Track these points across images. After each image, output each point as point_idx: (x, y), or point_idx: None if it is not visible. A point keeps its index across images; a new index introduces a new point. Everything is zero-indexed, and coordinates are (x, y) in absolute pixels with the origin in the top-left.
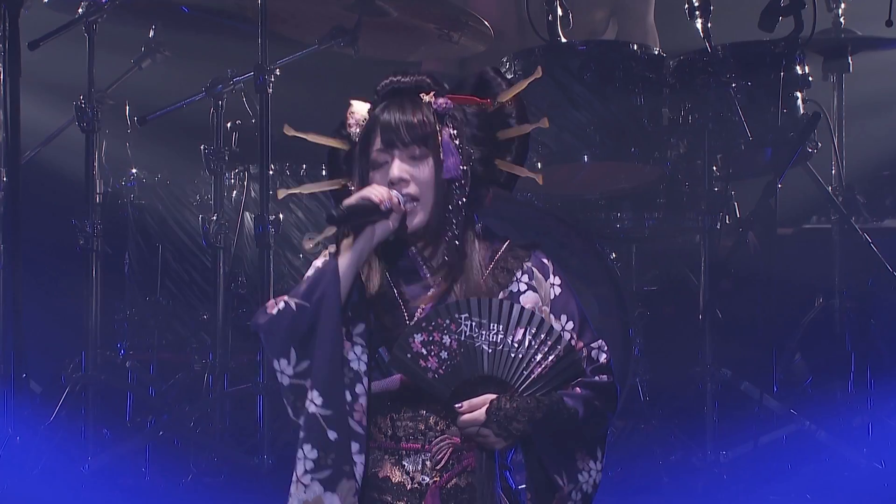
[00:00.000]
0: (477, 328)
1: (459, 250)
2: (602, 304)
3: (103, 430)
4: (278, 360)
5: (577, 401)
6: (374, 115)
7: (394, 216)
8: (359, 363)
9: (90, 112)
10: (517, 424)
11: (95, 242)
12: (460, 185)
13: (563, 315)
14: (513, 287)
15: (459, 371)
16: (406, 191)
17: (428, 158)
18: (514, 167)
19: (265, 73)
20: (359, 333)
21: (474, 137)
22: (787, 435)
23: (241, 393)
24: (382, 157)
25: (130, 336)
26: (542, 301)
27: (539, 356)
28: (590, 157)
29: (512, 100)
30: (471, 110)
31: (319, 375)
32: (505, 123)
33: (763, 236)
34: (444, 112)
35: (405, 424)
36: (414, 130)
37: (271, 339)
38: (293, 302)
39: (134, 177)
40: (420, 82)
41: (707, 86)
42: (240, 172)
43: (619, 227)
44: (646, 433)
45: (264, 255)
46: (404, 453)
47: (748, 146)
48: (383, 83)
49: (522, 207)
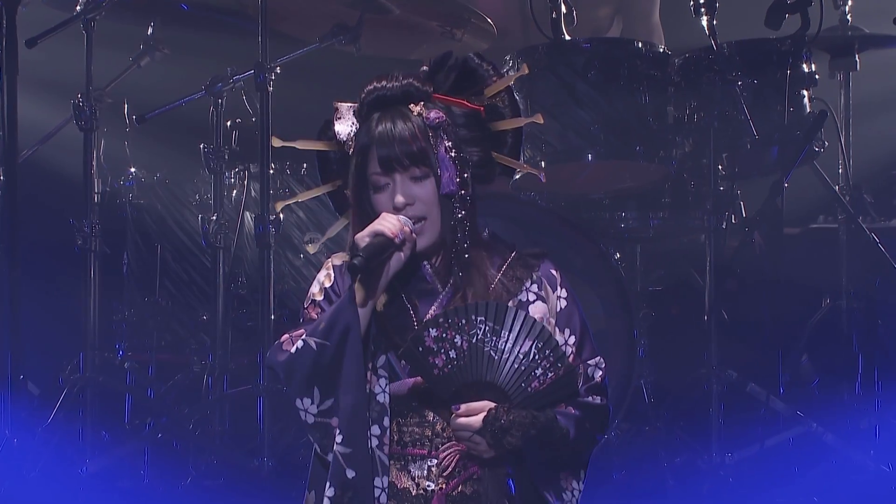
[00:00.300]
0: (489, 333)
1: (469, 261)
2: (606, 304)
3: (101, 433)
4: (301, 399)
5: (569, 421)
6: (365, 130)
7: (407, 246)
8: (384, 396)
9: (88, 110)
10: (511, 438)
11: (93, 242)
12: (461, 197)
13: (567, 329)
14: (522, 296)
15: (463, 373)
16: (412, 213)
17: (429, 177)
18: (513, 162)
19: (265, 72)
20: (381, 366)
21: (471, 138)
22: (793, 437)
23: (240, 395)
24: (383, 181)
25: (129, 337)
26: (549, 313)
27: (539, 371)
28: (594, 155)
29: (502, 90)
30: (460, 111)
31: (344, 414)
32: (497, 115)
33: (769, 236)
34: (437, 126)
35: (412, 430)
36: (412, 154)
37: (291, 379)
38: (313, 341)
39: (133, 176)
40: (407, 89)
41: (713, 84)
42: (240, 171)
43: (623, 227)
44: (650, 435)
45: (264, 255)
46: (410, 459)
47: (754, 145)
48: (367, 90)
49: (526, 207)
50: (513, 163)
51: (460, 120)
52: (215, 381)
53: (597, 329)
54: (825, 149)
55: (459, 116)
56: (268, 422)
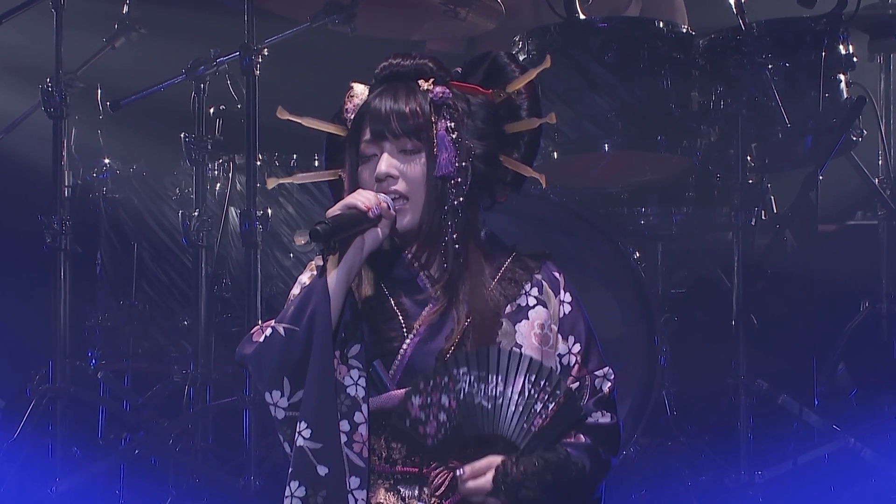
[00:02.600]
0: (476, 382)
1: (459, 257)
2: (624, 309)
3: (73, 448)
4: (270, 392)
5: (582, 453)
6: (367, 101)
7: (384, 223)
8: (356, 388)
9: (58, 96)
10: (527, 491)
11: (64, 240)
12: (457, 185)
13: (571, 336)
14: (521, 300)
15: (459, 433)
16: (394, 188)
17: (420, 153)
18: (518, 165)
19: (252, 54)
20: (354, 356)
21: (478, 131)
22: (829, 453)
23: (225, 407)
24: (371, 150)
25: (103, 344)
26: (551, 318)
27: (539, 406)
28: (611, 145)
29: (525, 89)
30: (476, 100)
31: (309, 404)
32: (515, 116)
33: (802, 233)
34: (441, 102)
35: (401, 447)
36: (405, 121)
37: (260, 370)
38: (281, 327)
39: (106, 168)
40: (421, 67)
41: (741, 67)
42: (224, 163)
43: (643, 224)
44: (673, 451)
45: (251, 254)
46: (399, 478)
47: (786, 134)
48: (382, 65)
49: (536, 202)
50: (518, 166)
51: (474, 110)
52: (197, 392)
53: (614, 335)
54: (863, 138)
55: (473, 106)
56: (255, 437)
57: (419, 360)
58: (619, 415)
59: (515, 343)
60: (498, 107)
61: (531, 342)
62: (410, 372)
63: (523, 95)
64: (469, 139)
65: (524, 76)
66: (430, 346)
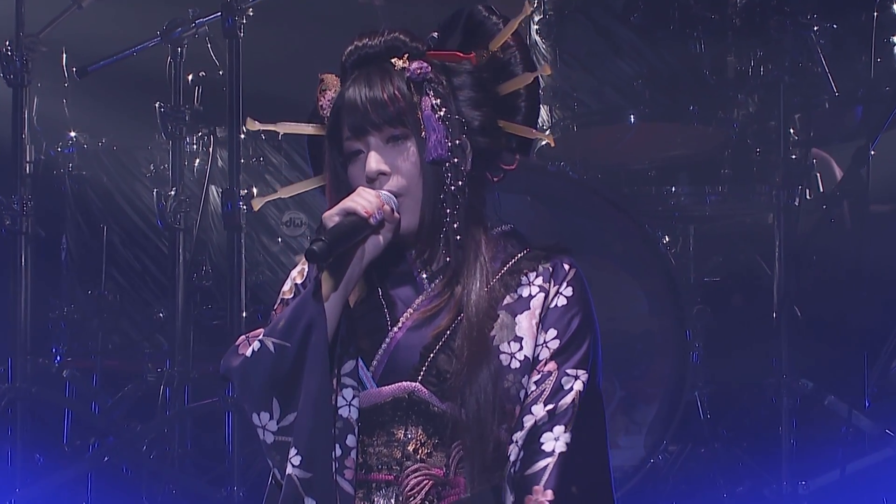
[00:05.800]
0: None
1: (462, 246)
2: (652, 299)
3: (35, 455)
4: (258, 413)
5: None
6: (340, 94)
7: (386, 227)
8: (349, 409)
9: (18, 61)
10: None
11: (25, 223)
12: (453, 166)
13: (553, 329)
14: (522, 291)
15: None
16: (388, 186)
17: (410, 139)
18: (521, 129)
19: (235, 14)
20: (347, 373)
21: (470, 100)
22: (881, 461)
23: (205, 409)
24: (355, 146)
25: (68, 339)
26: (541, 307)
27: None
28: (637, 117)
29: (512, 41)
30: (460, 68)
31: (302, 430)
32: (506, 74)
33: (853, 214)
34: (420, 79)
35: (378, 451)
36: (384, 109)
37: (246, 388)
38: (270, 342)
39: (72, 142)
40: (392, 43)
41: (783, 29)
42: (204, 136)
43: (673, 205)
44: (707, 459)
45: (234, 238)
46: (374, 486)
47: (833, 104)
48: (348, 50)
49: (554, 179)
50: (521, 130)
51: (460, 80)
52: (174, 393)
53: (640, 329)
54: None
55: (458, 74)
56: (238, 443)
57: (403, 354)
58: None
59: (515, 337)
60: (484, 68)
61: (532, 334)
62: (392, 367)
63: (511, 49)
64: (462, 111)
65: (507, 28)
66: (416, 340)
